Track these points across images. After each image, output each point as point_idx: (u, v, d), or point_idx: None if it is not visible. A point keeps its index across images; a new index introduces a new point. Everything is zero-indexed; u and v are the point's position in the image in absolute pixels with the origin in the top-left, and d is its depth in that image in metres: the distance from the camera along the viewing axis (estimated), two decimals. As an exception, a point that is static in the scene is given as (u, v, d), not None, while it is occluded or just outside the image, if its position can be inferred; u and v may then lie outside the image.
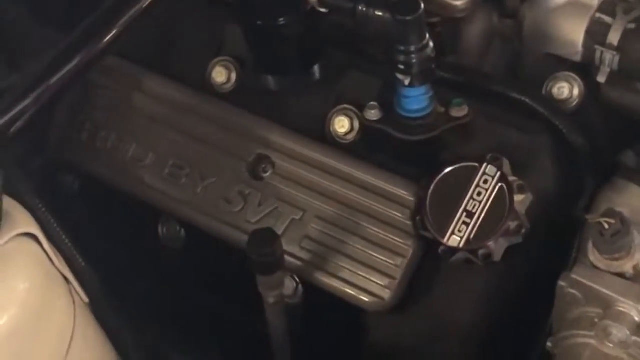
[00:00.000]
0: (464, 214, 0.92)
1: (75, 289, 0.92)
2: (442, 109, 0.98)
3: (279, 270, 0.94)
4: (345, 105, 1.03)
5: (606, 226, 0.85)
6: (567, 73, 1.03)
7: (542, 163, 0.98)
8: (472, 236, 0.92)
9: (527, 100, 1.00)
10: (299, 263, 1.01)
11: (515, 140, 0.98)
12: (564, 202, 0.96)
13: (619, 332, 0.87)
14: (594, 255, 0.90)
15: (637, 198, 0.93)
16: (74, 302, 0.90)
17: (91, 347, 0.92)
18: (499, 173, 0.92)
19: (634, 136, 1.00)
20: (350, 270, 0.99)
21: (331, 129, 1.04)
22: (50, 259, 0.90)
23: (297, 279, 1.04)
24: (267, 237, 0.93)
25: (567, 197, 0.96)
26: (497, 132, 0.98)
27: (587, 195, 0.95)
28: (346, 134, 1.03)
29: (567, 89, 1.03)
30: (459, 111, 0.98)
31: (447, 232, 0.92)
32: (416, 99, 0.97)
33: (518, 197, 0.92)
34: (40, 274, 0.87)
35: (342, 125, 1.04)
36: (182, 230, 1.12)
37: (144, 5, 0.92)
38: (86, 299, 0.94)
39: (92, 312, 0.96)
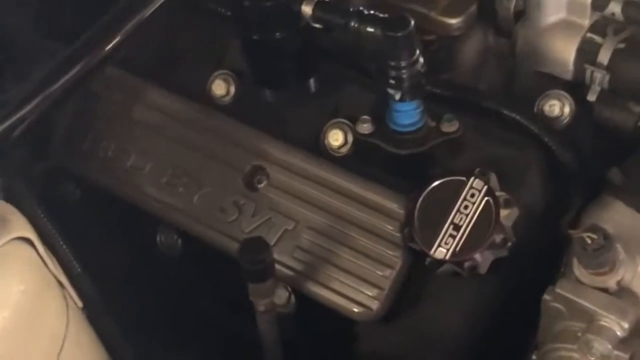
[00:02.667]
0: (451, 226, 0.94)
1: (69, 293, 0.94)
2: (433, 124, 1.01)
3: (270, 278, 0.96)
4: (340, 119, 1.06)
5: (589, 241, 0.86)
6: (558, 91, 1.05)
7: (530, 178, 0.99)
8: (458, 248, 0.93)
9: (517, 117, 1.02)
10: (290, 272, 1.03)
11: (505, 155, 1.00)
12: (552, 217, 0.98)
13: (601, 346, 0.88)
14: (579, 270, 0.92)
15: (622, 215, 0.94)
16: (67, 307, 0.92)
17: (84, 352, 0.94)
18: (485, 187, 0.94)
19: (622, 154, 1.01)
20: (340, 281, 1.01)
21: (325, 142, 1.06)
22: (45, 263, 0.92)
23: (290, 289, 1.07)
24: (257, 246, 0.95)
25: (554, 212, 0.98)
26: (486, 147, 1.00)
27: (573, 211, 0.96)
28: (340, 147, 1.06)
29: (558, 107, 1.05)
30: (450, 126, 1.00)
31: (434, 244, 0.94)
32: (407, 114, 0.99)
33: (504, 211, 0.93)
34: (34, 277, 0.89)
35: (336, 138, 1.06)
36: (179, 239, 1.15)
37: (144, 17, 0.95)
38: (80, 304, 0.96)
39: (86, 318, 0.98)
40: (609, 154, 1.03)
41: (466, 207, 0.94)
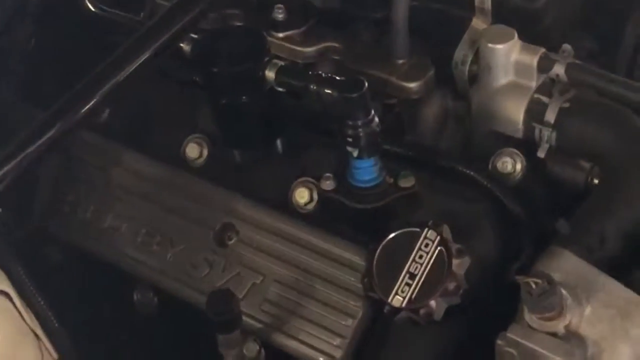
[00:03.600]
0: (407, 275, 0.98)
1: (45, 345, 0.99)
2: (391, 180, 1.06)
3: (237, 329, 1.00)
4: (305, 178, 1.11)
5: (533, 285, 0.91)
6: (510, 149, 1.10)
7: (482, 230, 1.05)
8: (414, 296, 0.98)
9: (471, 173, 1.08)
10: (259, 325, 1.07)
11: (458, 208, 1.05)
12: (502, 266, 1.03)
13: (550, 387, 0.92)
14: (528, 316, 0.96)
15: (569, 263, 0.98)
16: (42, 357, 0.96)
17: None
18: (438, 237, 0.99)
19: (575, 206, 1.06)
20: (306, 331, 1.06)
21: (292, 199, 1.11)
22: (22, 316, 0.96)
23: (259, 343, 1.10)
24: (224, 297, 0.99)
25: (505, 261, 1.03)
26: (442, 201, 1.06)
27: (522, 259, 1.01)
28: (306, 204, 1.11)
29: (510, 164, 1.10)
30: (406, 182, 1.06)
31: (391, 292, 0.98)
32: (365, 170, 1.05)
33: (456, 260, 0.98)
34: (10, 328, 0.93)
35: (302, 195, 1.11)
36: (155, 297, 1.19)
37: (117, 82, 1.02)
38: (56, 356, 1.00)
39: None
40: (562, 207, 1.09)
41: (421, 256, 0.99)
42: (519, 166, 1.10)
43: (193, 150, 1.17)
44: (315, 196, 1.10)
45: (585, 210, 1.03)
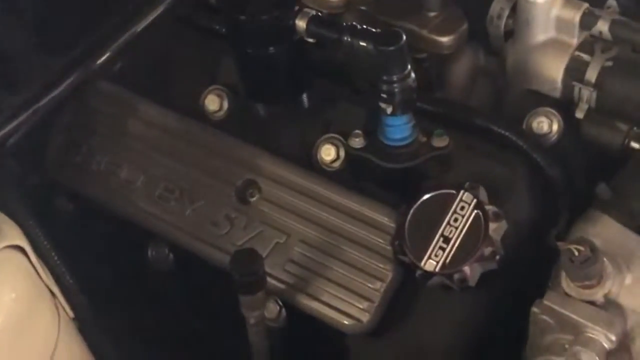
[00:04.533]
0: (441, 239, 0.95)
1: (61, 303, 0.95)
2: (424, 139, 1.02)
3: (261, 290, 0.96)
4: (332, 134, 1.07)
5: (576, 253, 0.87)
6: (546, 108, 1.06)
7: (518, 193, 1.00)
8: (447, 261, 0.94)
9: (506, 133, 1.03)
10: (281, 285, 1.03)
11: (494, 170, 1.01)
12: (540, 231, 0.99)
13: (588, 357, 0.89)
14: (566, 283, 0.93)
15: (610, 229, 0.95)
16: (59, 316, 0.93)
17: (75, 362, 0.95)
18: (475, 200, 0.95)
19: (609, 170, 1.02)
20: (331, 293, 1.02)
21: (318, 157, 1.07)
22: (38, 273, 0.92)
23: (281, 303, 1.07)
24: (249, 257, 0.95)
25: (542, 226, 0.99)
26: (476, 163, 1.02)
27: (561, 224, 0.98)
28: (332, 161, 1.07)
29: (546, 124, 1.06)
30: (440, 141, 1.01)
31: (424, 256, 0.95)
32: (399, 128, 1.00)
33: (493, 225, 0.94)
34: (26, 285, 0.90)
35: (328, 153, 1.07)
36: (171, 253, 1.15)
37: (136, 32, 0.97)
38: (72, 314, 0.96)
39: (77, 328, 0.98)
40: (597, 171, 1.05)
41: (456, 219, 0.95)
42: (555, 127, 1.06)
43: (213, 103, 1.12)
44: (342, 154, 1.06)
45: (626, 174, 0.99)
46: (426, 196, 0.97)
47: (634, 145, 1.07)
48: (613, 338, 0.89)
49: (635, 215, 0.95)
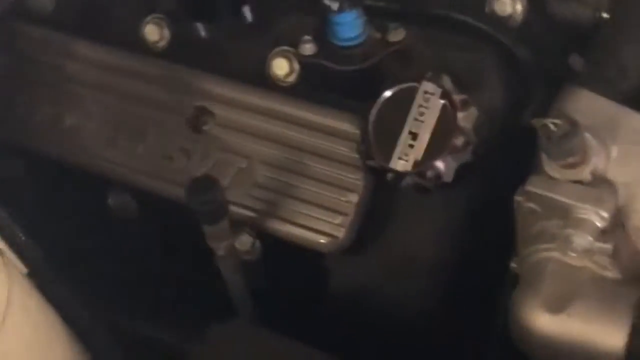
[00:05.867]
0: (409, 136, 0.88)
1: (11, 260, 0.88)
2: (378, 35, 0.95)
3: (224, 218, 0.90)
4: (282, 47, 0.99)
5: (553, 127, 0.81)
6: (507, -11, 0.99)
7: (487, 79, 0.94)
8: (418, 158, 0.87)
9: (467, 19, 0.96)
10: (250, 213, 0.97)
11: (459, 59, 0.94)
12: (514, 117, 0.92)
13: (582, 239, 0.83)
14: (548, 165, 0.86)
15: (589, 101, 0.88)
16: (8, 273, 0.86)
17: (32, 318, 0.88)
18: (439, 90, 0.88)
19: (579, 45, 0.95)
20: (303, 213, 0.96)
21: (270, 72, 1.00)
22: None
23: (254, 234, 1.01)
24: (205, 184, 0.89)
25: (516, 110, 0.92)
26: (438, 53, 0.95)
27: (535, 104, 0.91)
28: (286, 75, 0.99)
29: (509, 5, 0.99)
30: (396, 35, 0.94)
31: (393, 157, 0.88)
32: (348, 25, 0.93)
33: (462, 113, 0.87)
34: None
35: (280, 67, 0.99)
36: (133, 200, 1.09)
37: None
38: (25, 270, 0.90)
39: (35, 284, 0.92)
40: (566, 47, 0.98)
41: (421, 113, 0.88)
42: (518, 7, 0.98)
43: (153, 32, 1.04)
44: (296, 66, 0.98)
45: (598, 42, 0.92)
46: (387, 93, 0.89)
47: (606, 15, 1.01)
48: (605, 215, 0.82)
49: (613, 83, 0.89)
